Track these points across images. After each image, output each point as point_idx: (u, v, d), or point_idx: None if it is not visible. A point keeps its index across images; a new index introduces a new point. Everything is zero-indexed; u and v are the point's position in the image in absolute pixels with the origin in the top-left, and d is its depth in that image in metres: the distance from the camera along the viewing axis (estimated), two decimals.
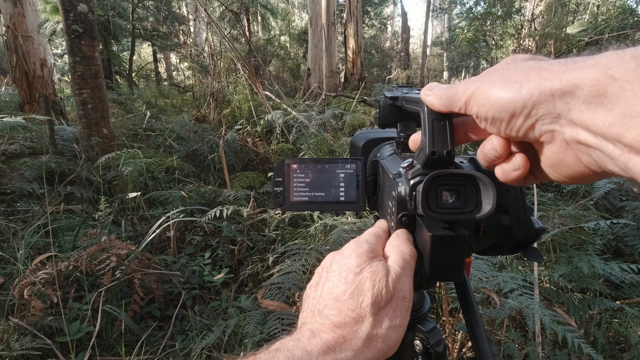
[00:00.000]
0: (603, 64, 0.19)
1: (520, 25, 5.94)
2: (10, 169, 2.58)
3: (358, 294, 0.29)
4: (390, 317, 0.30)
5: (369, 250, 0.33)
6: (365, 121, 3.47)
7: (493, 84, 0.24)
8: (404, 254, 0.33)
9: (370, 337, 0.29)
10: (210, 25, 4.59)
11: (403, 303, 0.31)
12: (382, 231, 0.37)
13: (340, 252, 0.34)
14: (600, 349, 1.28)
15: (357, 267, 0.31)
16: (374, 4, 14.79)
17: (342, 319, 0.29)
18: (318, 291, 0.32)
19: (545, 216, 1.74)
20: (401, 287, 0.31)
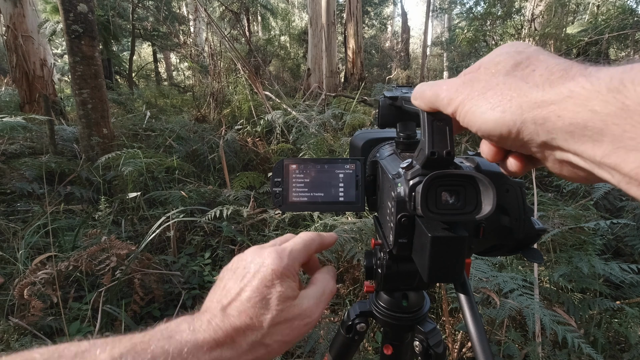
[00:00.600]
0: (579, 95, 0.19)
1: (520, 25, 5.94)
2: (10, 169, 2.58)
3: (262, 307, 0.31)
4: (284, 334, 0.31)
5: (287, 267, 0.33)
6: (365, 121, 3.46)
7: (477, 102, 0.24)
8: (325, 289, 0.35)
9: (257, 344, 0.30)
10: (210, 25, 4.60)
11: (304, 325, 0.32)
12: (318, 245, 0.38)
13: (262, 253, 0.35)
14: (600, 349, 1.28)
15: (269, 280, 0.32)
16: (374, 4, 14.79)
17: (240, 323, 0.30)
18: (230, 283, 0.33)
19: (545, 216, 1.74)
20: (309, 313, 0.33)
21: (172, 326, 0.29)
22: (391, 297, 0.52)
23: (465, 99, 0.25)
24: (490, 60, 0.25)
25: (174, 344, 0.27)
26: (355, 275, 1.74)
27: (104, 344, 0.25)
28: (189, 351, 0.27)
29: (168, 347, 0.26)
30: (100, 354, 0.25)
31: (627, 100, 0.17)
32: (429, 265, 0.31)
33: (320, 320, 1.42)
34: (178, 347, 0.27)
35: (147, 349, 0.26)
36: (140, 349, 0.26)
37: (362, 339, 0.60)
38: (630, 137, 0.17)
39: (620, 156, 0.17)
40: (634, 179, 0.17)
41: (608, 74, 0.18)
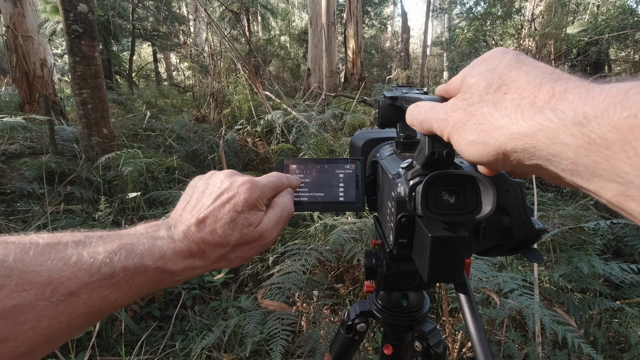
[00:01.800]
0: (549, 128, 0.19)
1: (520, 25, 5.93)
2: (10, 169, 2.58)
3: (230, 228, 0.35)
4: (245, 251, 0.37)
5: (257, 199, 0.37)
6: (365, 121, 3.46)
7: (461, 134, 0.25)
8: (283, 213, 0.40)
9: (222, 258, 0.36)
10: (210, 25, 4.59)
11: (261, 245, 0.38)
12: (287, 185, 0.43)
13: (237, 180, 0.38)
14: (600, 349, 1.28)
15: (241, 207, 0.36)
16: (374, 4, 14.79)
17: (210, 240, 0.34)
18: (204, 199, 0.37)
19: (545, 216, 1.74)
20: (266, 235, 0.38)
21: (150, 230, 0.33)
22: (391, 297, 0.52)
23: (452, 130, 0.26)
24: (467, 83, 0.26)
25: (157, 248, 0.31)
26: (355, 275, 1.74)
27: (97, 239, 0.29)
28: (169, 257, 0.32)
29: (152, 251, 0.30)
30: (96, 247, 0.28)
31: (592, 135, 0.17)
32: (429, 265, 0.31)
33: (320, 320, 1.42)
34: (160, 252, 0.31)
35: (136, 250, 0.29)
36: (130, 249, 0.29)
37: (362, 339, 0.60)
38: (603, 169, 0.17)
39: (599, 184, 0.18)
40: (616, 205, 0.18)
41: (572, 107, 0.18)
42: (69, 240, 0.27)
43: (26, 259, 0.24)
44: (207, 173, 0.41)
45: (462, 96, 0.26)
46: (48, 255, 0.25)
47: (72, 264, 0.25)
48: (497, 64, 0.24)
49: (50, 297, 0.24)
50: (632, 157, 0.16)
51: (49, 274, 0.24)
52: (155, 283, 0.31)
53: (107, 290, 0.27)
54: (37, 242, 0.26)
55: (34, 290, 0.23)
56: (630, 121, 0.16)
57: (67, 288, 0.24)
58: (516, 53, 0.25)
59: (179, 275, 0.33)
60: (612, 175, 0.17)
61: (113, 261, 0.27)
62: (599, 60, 5.17)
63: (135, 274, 0.29)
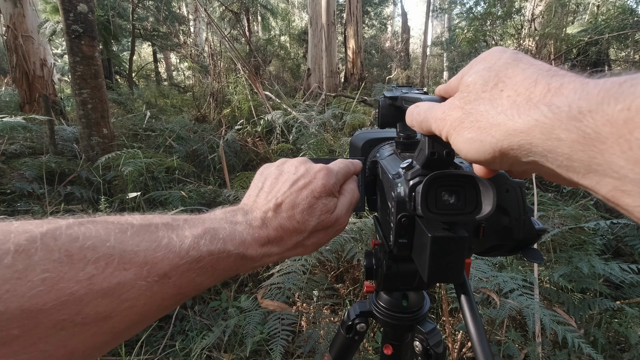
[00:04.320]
0: (544, 124, 0.19)
1: (520, 25, 5.93)
2: (10, 169, 2.58)
3: (308, 214, 0.35)
4: (320, 237, 0.37)
5: (333, 185, 0.38)
6: (365, 121, 3.46)
7: (459, 133, 0.25)
8: (352, 199, 0.40)
9: (298, 244, 0.36)
10: (210, 25, 4.59)
11: (335, 231, 0.39)
12: (354, 171, 0.43)
13: (313, 167, 0.39)
14: (600, 349, 1.28)
15: (319, 193, 0.36)
16: (374, 4, 14.79)
17: (288, 225, 0.35)
18: (279, 184, 0.37)
19: (545, 216, 1.74)
20: (341, 221, 0.38)
21: (228, 215, 0.34)
22: (391, 297, 0.52)
23: (450, 129, 0.26)
24: (464, 82, 0.26)
25: (237, 234, 0.31)
26: (355, 275, 1.74)
27: (183, 222, 0.29)
28: (249, 243, 0.32)
29: (234, 237, 0.31)
30: (182, 230, 0.28)
31: (587, 129, 0.17)
32: (429, 266, 0.31)
33: (320, 320, 1.42)
34: (241, 238, 0.31)
35: (219, 235, 0.30)
36: (214, 233, 0.30)
37: (362, 339, 0.59)
38: (598, 164, 0.17)
39: (594, 179, 0.18)
40: (611, 201, 0.18)
41: (567, 102, 0.18)
42: (159, 222, 0.28)
43: (124, 239, 0.25)
44: (277, 160, 0.41)
45: (460, 95, 0.26)
46: (143, 235, 0.26)
47: (164, 246, 0.26)
48: (495, 62, 0.24)
49: (147, 277, 0.25)
50: (626, 150, 0.15)
51: (144, 255, 0.25)
52: (237, 268, 0.31)
53: (194, 273, 0.27)
54: (132, 222, 0.26)
55: (133, 270, 0.24)
56: (624, 114, 0.15)
57: (160, 269, 0.25)
58: (514, 52, 0.25)
59: (258, 262, 0.33)
60: (607, 170, 0.17)
61: (199, 245, 0.28)
62: (599, 60, 5.16)
63: (219, 259, 0.29)
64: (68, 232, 0.23)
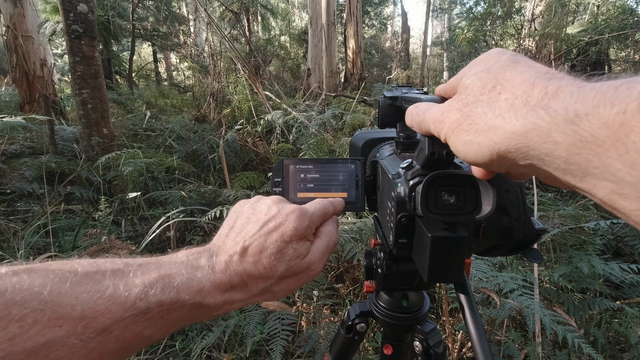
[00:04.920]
0: (540, 127, 0.19)
1: (520, 25, 5.93)
2: (10, 169, 2.58)
3: (277, 259, 0.33)
4: (290, 283, 0.35)
5: (306, 228, 0.36)
6: (365, 121, 3.46)
7: (457, 135, 0.25)
8: (330, 243, 0.38)
9: (265, 290, 0.34)
10: (210, 25, 4.59)
11: (308, 277, 0.36)
12: (333, 212, 0.41)
13: (285, 208, 0.36)
14: (600, 349, 1.28)
15: (289, 237, 0.34)
16: (374, 4, 14.79)
17: (254, 271, 0.33)
18: (250, 225, 0.35)
19: (545, 216, 1.74)
20: (314, 267, 0.36)
21: (191, 259, 0.32)
22: (391, 297, 0.52)
23: (448, 131, 0.26)
24: (463, 84, 0.26)
25: (196, 281, 0.30)
26: (355, 275, 1.74)
27: (136, 268, 0.28)
28: (208, 291, 0.30)
29: (191, 284, 0.29)
30: (133, 278, 0.27)
31: (584, 133, 0.17)
32: (429, 265, 0.31)
33: (320, 320, 1.42)
34: (199, 285, 0.30)
35: (173, 282, 0.28)
36: (167, 281, 0.28)
37: (362, 339, 0.59)
38: (595, 167, 0.17)
39: (591, 183, 0.18)
40: (608, 204, 0.18)
41: (564, 105, 0.18)
42: (107, 270, 0.26)
43: (63, 290, 0.23)
44: (253, 197, 0.40)
45: (458, 97, 0.26)
46: (85, 285, 0.24)
47: (107, 297, 0.25)
48: (493, 64, 0.24)
49: (82, 333, 0.23)
50: (623, 154, 0.15)
51: (82, 308, 0.23)
52: (192, 318, 0.30)
53: (141, 325, 0.26)
54: (76, 270, 0.25)
55: (66, 326, 0.22)
56: (620, 117, 0.15)
57: (100, 324, 0.24)
58: (512, 54, 0.25)
59: (218, 310, 0.31)
60: (604, 173, 0.17)
61: (148, 295, 0.26)
62: (599, 60, 5.16)
63: (171, 309, 0.27)
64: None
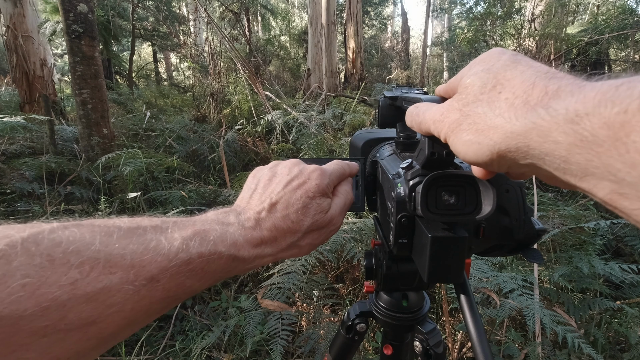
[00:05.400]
0: (541, 126, 0.19)
1: (520, 25, 5.93)
2: (10, 169, 2.58)
3: (303, 213, 0.35)
4: (314, 237, 0.37)
5: (327, 185, 0.38)
6: (365, 121, 3.46)
7: (457, 135, 0.25)
8: (346, 201, 0.40)
9: (293, 245, 0.35)
10: (210, 25, 4.59)
11: (330, 232, 0.38)
12: (349, 173, 0.43)
13: (307, 168, 0.39)
14: (600, 349, 1.28)
15: (313, 193, 0.36)
16: (374, 4, 14.78)
17: (282, 225, 0.34)
18: (273, 185, 0.37)
19: (545, 216, 1.74)
20: (335, 221, 0.38)
21: (220, 217, 0.33)
22: (391, 297, 0.52)
23: (448, 131, 0.26)
24: (463, 83, 0.26)
25: (229, 236, 0.31)
26: (355, 275, 1.74)
27: (172, 225, 0.29)
28: (241, 244, 0.31)
29: (225, 238, 0.31)
30: (172, 232, 0.28)
31: (584, 132, 0.17)
32: (429, 266, 0.31)
33: (320, 320, 1.42)
34: (232, 239, 0.31)
35: (209, 236, 0.30)
36: (204, 235, 0.29)
37: (362, 339, 0.59)
38: (595, 167, 0.17)
39: (592, 182, 0.18)
40: (609, 204, 0.18)
41: (564, 104, 0.18)
42: (147, 225, 0.27)
43: (111, 242, 0.24)
44: (270, 163, 0.41)
45: (458, 97, 0.26)
46: (130, 238, 0.25)
47: (151, 249, 0.26)
48: (493, 64, 0.24)
49: (134, 280, 0.24)
50: (623, 153, 0.15)
51: (132, 258, 0.24)
52: (228, 270, 0.31)
53: (184, 276, 0.27)
54: (120, 225, 0.26)
55: (119, 273, 0.23)
56: (621, 117, 0.15)
57: (148, 272, 0.25)
58: (513, 53, 0.25)
59: (251, 263, 0.33)
60: (604, 173, 0.17)
61: (189, 247, 0.27)
62: (599, 60, 5.16)
63: (209, 261, 0.29)
64: (51, 237, 0.22)
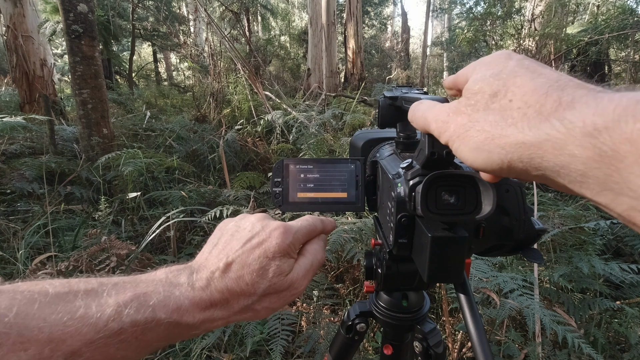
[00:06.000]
0: (556, 138, 0.19)
1: (520, 25, 5.93)
2: (10, 169, 2.58)
3: (259, 275, 0.33)
4: (272, 301, 0.34)
5: (290, 245, 0.35)
6: (365, 121, 3.46)
7: (464, 141, 0.24)
8: (314, 261, 0.37)
9: (247, 308, 0.33)
10: (210, 25, 4.59)
11: (291, 295, 0.35)
12: (321, 230, 0.40)
13: (269, 225, 0.36)
14: (600, 349, 1.28)
15: (272, 254, 0.34)
16: (374, 4, 14.79)
17: (236, 288, 0.32)
18: (233, 242, 0.35)
19: (545, 216, 1.74)
20: (297, 285, 0.35)
21: (170, 276, 0.31)
22: (391, 297, 0.52)
23: (453, 135, 0.25)
24: (470, 88, 0.25)
25: (173, 299, 0.29)
26: (355, 275, 1.74)
27: (111, 288, 0.27)
28: (186, 308, 0.29)
29: (168, 302, 0.28)
30: (107, 298, 0.26)
31: (603, 147, 0.17)
32: (429, 266, 0.31)
33: (320, 320, 1.42)
34: (177, 303, 0.29)
35: (149, 301, 0.27)
36: (143, 300, 0.27)
37: (362, 339, 0.59)
38: (615, 182, 0.17)
39: (609, 197, 0.18)
40: (627, 219, 0.18)
41: (580, 117, 0.18)
42: (80, 290, 0.26)
43: (30, 312, 0.23)
44: (238, 215, 0.39)
45: (466, 101, 0.25)
46: (54, 307, 0.24)
47: (77, 318, 0.24)
48: (502, 70, 0.24)
49: (50, 357, 0.22)
50: None
51: (50, 330, 0.23)
52: (169, 338, 0.29)
53: (113, 347, 0.25)
54: (47, 291, 0.24)
55: (32, 350, 0.22)
56: None
57: (69, 346, 0.23)
58: (520, 58, 0.24)
59: (196, 329, 0.31)
60: (624, 189, 0.16)
61: (122, 315, 0.25)
62: (599, 60, 5.16)
63: (145, 329, 0.27)
64: None
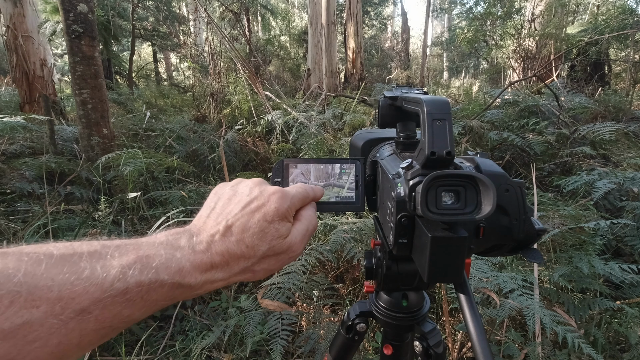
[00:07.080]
0: None
1: (520, 25, 5.93)
2: (10, 169, 2.58)
3: (259, 238, 0.34)
4: (271, 263, 0.35)
5: (287, 209, 0.36)
6: (365, 121, 3.46)
7: None
8: (309, 226, 0.39)
9: (246, 270, 0.34)
10: (210, 25, 4.59)
11: (288, 258, 0.37)
12: (312, 197, 0.41)
13: (267, 189, 0.37)
14: (600, 349, 1.28)
15: (271, 217, 0.35)
16: (374, 4, 14.79)
17: (236, 250, 0.33)
18: (231, 205, 0.36)
19: (545, 216, 1.74)
20: (295, 248, 0.36)
21: (170, 239, 0.32)
22: (391, 297, 0.52)
23: None
24: None
25: (175, 262, 0.30)
26: (355, 275, 1.74)
27: (114, 250, 0.27)
28: (188, 271, 0.30)
29: (170, 264, 0.29)
30: (111, 259, 0.27)
31: None
32: (429, 266, 0.31)
33: (320, 320, 1.42)
34: (179, 265, 0.30)
35: (152, 263, 0.28)
36: (145, 262, 0.28)
37: (362, 339, 0.59)
38: None
39: None
40: None
41: None
42: (84, 251, 0.26)
43: (38, 272, 0.23)
44: (233, 180, 0.40)
45: None
46: (61, 268, 0.24)
47: (84, 278, 0.24)
48: None
49: (61, 313, 0.23)
50: None
51: (59, 289, 0.23)
52: (172, 298, 0.30)
53: (119, 306, 0.26)
54: (52, 253, 0.25)
55: (43, 307, 0.22)
56: None
57: (78, 304, 0.24)
58: None
59: (198, 289, 0.31)
60: None
61: (126, 276, 0.26)
62: (599, 60, 5.16)
63: (150, 290, 0.27)
64: None
